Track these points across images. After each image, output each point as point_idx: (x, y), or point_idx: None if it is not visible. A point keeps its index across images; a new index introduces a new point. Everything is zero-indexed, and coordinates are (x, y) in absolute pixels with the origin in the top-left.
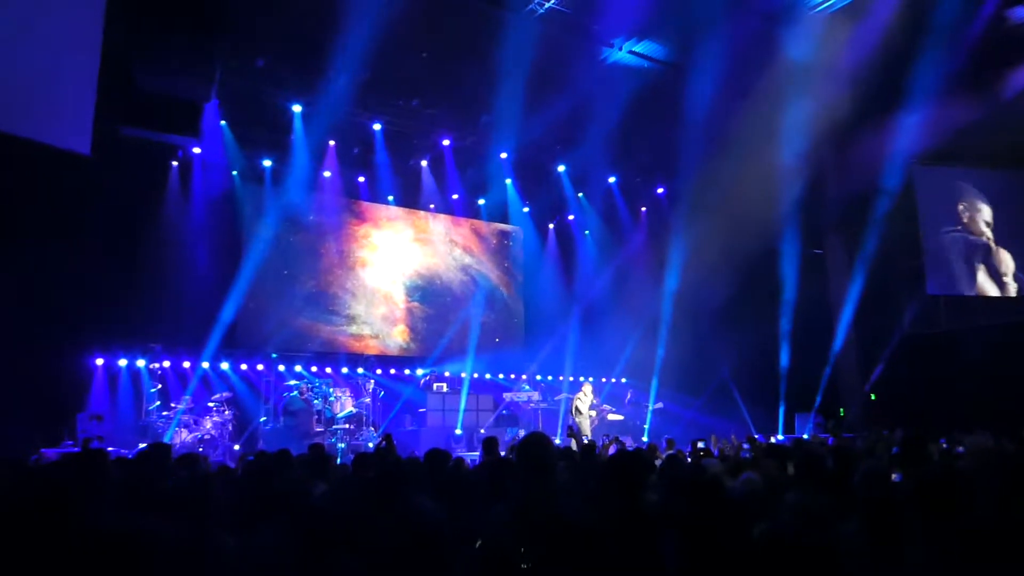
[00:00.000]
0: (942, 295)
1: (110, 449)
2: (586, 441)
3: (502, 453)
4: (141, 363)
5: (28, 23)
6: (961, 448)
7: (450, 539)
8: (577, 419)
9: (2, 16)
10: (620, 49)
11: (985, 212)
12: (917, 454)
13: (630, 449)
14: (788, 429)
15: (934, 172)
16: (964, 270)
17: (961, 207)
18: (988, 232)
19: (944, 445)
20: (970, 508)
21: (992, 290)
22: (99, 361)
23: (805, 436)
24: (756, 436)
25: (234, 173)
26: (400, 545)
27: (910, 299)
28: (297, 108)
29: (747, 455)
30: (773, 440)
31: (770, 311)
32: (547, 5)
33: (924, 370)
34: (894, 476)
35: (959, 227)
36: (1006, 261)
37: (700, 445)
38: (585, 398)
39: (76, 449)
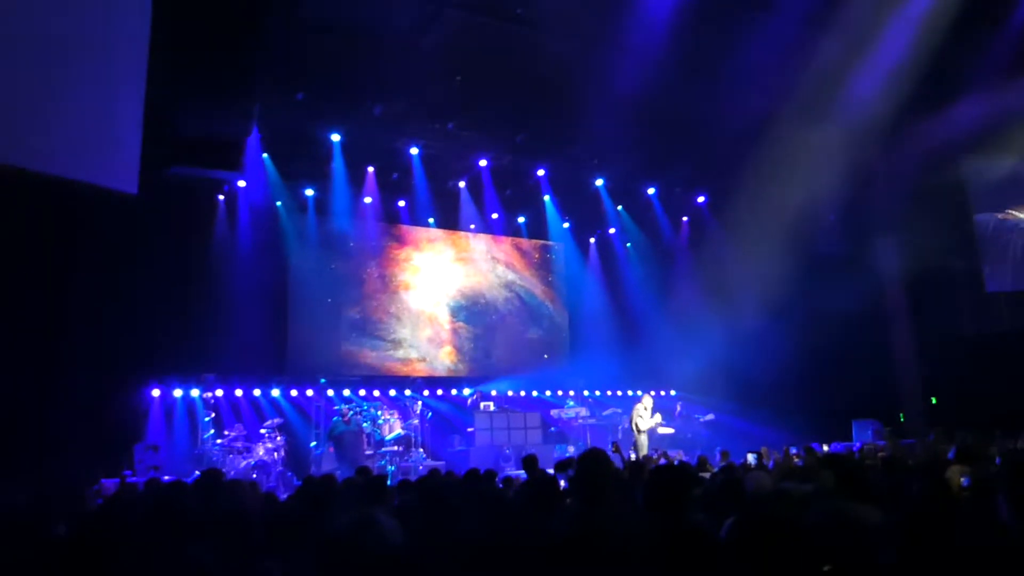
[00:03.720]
0: (1002, 292)
1: (166, 478)
2: (634, 457)
3: (550, 471)
4: (195, 393)
5: (73, 70)
6: None
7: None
8: (638, 436)
9: (49, 63)
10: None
11: None
12: (975, 456)
13: (678, 463)
14: (846, 436)
15: (988, 166)
16: None
17: None
18: None
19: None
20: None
21: None
22: (155, 392)
23: (856, 445)
24: (812, 446)
25: (278, 204)
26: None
27: (968, 298)
28: (336, 137)
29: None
30: (827, 449)
31: (824, 316)
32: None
33: (986, 370)
34: (963, 480)
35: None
36: None
37: (751, 459)
38: (644, 414)
39: (134, 479)
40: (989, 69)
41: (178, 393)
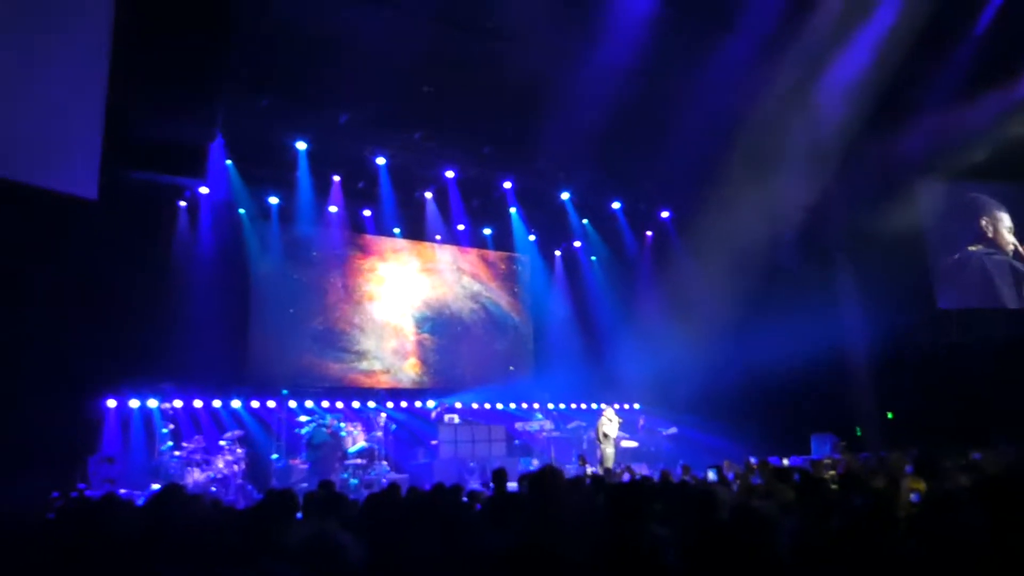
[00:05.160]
0: (954, 309)
1: (122, 491)
2: (599, 471)
3: (513, 484)
4: (153, 403)
5: (32, 72)
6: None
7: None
8: (604, 446)
9: (7, 66)
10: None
11: (1006, 220)
12: (931, 472)
13: (640, 477)
14: (805, 450)
15: (940, 187)
16: (1007, 288)
17: (984, 222)
18: (1013, 240)
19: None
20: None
21: None
22: (111, 403)
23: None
24: (769, 460)
25: (241, 211)
26: None
27: (921, 315)
28: (302, 145)
29: (758, 480)
30: (787, 463)
31: (783, 330)
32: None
33: (940, 385)
34: (912, 496)
35: (982, 244)
36: None
37: (711, 475)
38: (611, 423)
39: (90, 492)
40: (942, 92)
41: (134, 403)
